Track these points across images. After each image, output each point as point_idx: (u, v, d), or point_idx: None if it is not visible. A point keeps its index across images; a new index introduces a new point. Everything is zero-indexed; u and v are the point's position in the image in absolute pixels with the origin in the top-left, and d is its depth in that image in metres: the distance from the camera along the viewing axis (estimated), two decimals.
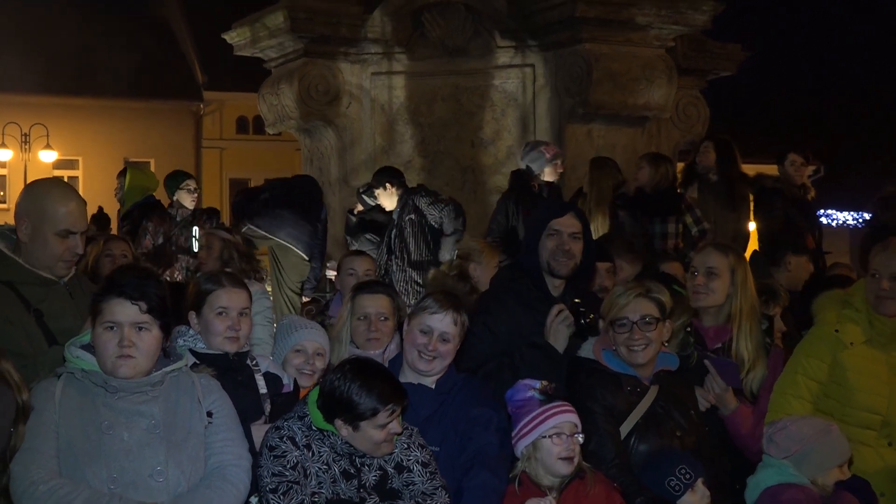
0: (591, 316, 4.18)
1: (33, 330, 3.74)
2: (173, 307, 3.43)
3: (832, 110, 38.57)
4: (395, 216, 7.94)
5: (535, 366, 4.09)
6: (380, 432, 3.36)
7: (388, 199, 8.06)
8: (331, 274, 7.95)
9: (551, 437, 3.63)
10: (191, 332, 3.89)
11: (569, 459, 3.61)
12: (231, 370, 3.79)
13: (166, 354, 3.37)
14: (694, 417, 4.09)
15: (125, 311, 3.18)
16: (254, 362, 3.95)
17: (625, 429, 3.91)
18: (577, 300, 4.25)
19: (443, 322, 3.83)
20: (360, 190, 8.53)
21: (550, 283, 4.43)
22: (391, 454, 3.44)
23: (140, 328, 3.19)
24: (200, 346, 3.84)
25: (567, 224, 4.40)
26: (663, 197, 7.86)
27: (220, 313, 3.85)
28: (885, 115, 36.90)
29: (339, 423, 3.36)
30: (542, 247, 4.39)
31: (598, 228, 7.48)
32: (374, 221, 8.27)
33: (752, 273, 4.67)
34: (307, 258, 8.02)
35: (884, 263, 4.30)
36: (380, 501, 3.36)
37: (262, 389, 3.87)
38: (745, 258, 4.69)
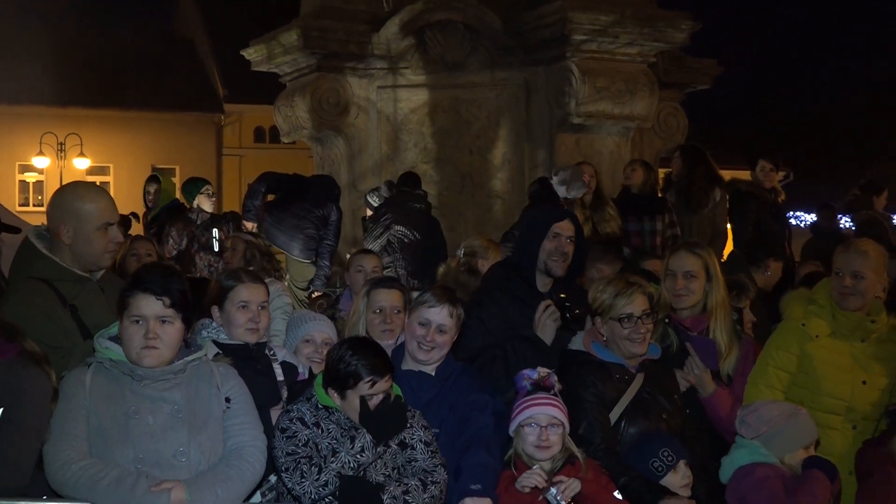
0: (577, 311, 4.18)
1: (69, 324, 3.72)
2: (194, 302, 3.44)
3: (801, 119, 38.62)
4: None
5: (526, 357, 4.09)
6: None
7: None
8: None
9: (525, 427, 3.65)
10: (213, 324, 3.89)
11: (543, 448, 3.61)
12: (251, 359, 3.79)
13: (187, 345, 3.38)
14: (677, 401, 4.08)
15: (150, 305, 3.18)
16: (272, 352, 3.95)
17: (615, 414, 3.90)
18: (563, 295, 4.25)
19: (440, 315, 3.82)
20: (366, 195, 8.53)
21: (541, 281, 4.43)
22: None
23: (164, 321, 3.19)
24: (223, 338, 3.84)
25: (566, 228, 4.42)
26: (650, 198, 7.85)
27: (242, 307, 3.85)
28: (849, 124, 36.97)
29: (330, 391, 3.37)
30: (542, 248, 4.39)
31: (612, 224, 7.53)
32: None
33: (729, 270, 4.65)
34: (307, 261, 8.00)
35: (846, 263, 4.31)
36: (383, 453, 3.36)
37: (280, 377, 3.87)
38: (713, 253, 4.69)
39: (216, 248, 7.88)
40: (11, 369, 3.17)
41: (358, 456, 3.27)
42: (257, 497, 3.49)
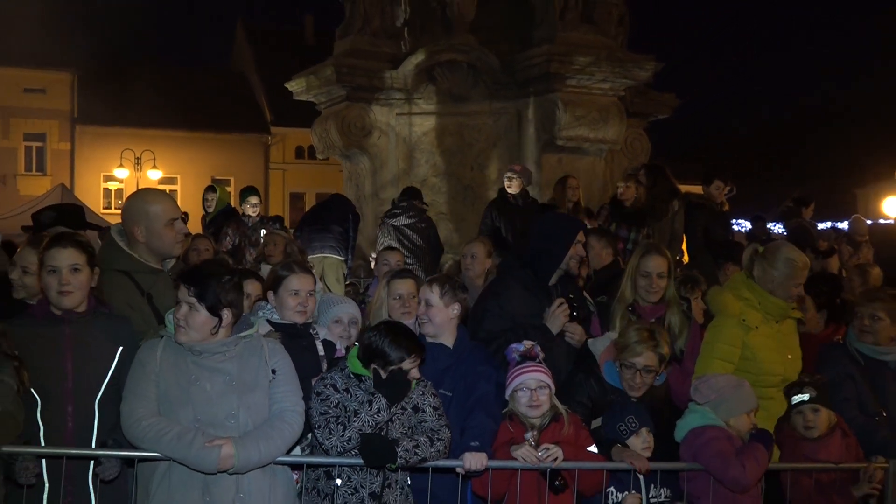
0: (583, 312, 4.19)
1: (146, 311, 3.67)
2: None
3: (743, 143, 38.68)
4: None
5: (536, 341, 4.03)
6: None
7: None
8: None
9: (518, 391, 3.63)
10: (269, 306, 3.86)
11: (534, 407, 3.59)
12: (298, 336, 3.75)
13: (219, 326, 3.25)
14: (660, 421, 3.92)
15: (182, 292, 3.15)
16: (314, 331, 3.90)
17: (596, 422, 3.83)
18: (570, 296, 4.22)
19: (423, 292, 3.89)
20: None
21: (554, 277, 4.34)
22: (410, 398, 3.42)
23: (190, 307, 3.13)
24: (276, 318, 3.80)
25: (582, 236, 4.42)
26: (639, 211, 7.68)
27: (294, 293, 3.82)
28: (782, 147, 37.02)
29: (374, 367, 3.36)
30: (569, 253, 4.33)
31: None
32: None
33: (694, 266, 4.54)
34: (341, 257, 7.93)
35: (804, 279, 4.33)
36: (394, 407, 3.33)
37: (321, 352, 3.83)
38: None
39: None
40: (118, 316, 3.45)
41: (375, 416, 3.28)
42: (297, 451, 3.47)
